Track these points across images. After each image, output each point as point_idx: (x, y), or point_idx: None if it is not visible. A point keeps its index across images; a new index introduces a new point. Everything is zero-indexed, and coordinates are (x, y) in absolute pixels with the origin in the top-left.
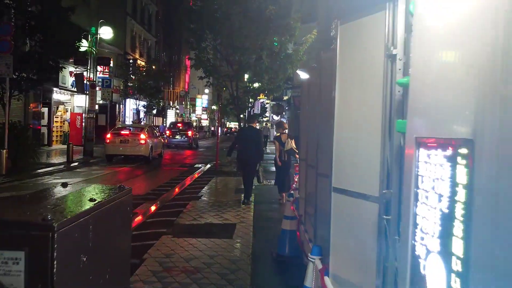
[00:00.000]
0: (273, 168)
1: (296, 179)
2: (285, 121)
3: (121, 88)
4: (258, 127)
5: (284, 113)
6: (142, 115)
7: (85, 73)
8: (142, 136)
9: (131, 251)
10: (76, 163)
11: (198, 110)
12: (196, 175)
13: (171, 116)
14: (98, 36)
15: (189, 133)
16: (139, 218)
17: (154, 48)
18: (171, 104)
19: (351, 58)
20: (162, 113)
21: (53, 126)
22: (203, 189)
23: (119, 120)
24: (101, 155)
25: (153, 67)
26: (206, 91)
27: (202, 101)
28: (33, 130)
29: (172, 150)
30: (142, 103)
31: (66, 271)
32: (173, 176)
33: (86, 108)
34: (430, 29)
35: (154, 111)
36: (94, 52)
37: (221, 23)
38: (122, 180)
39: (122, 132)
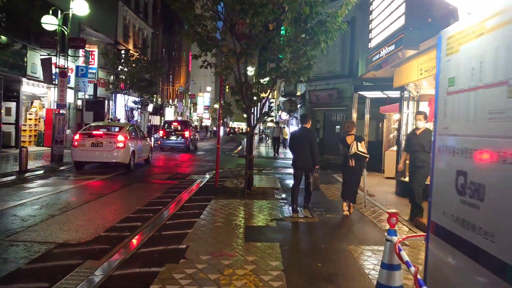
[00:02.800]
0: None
1: None
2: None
3: (110, 81)
4: (311, 128)
5: (294, 112)
6: (136, 112)
7: (56, 60)
8: (120, 138)
9: None
10: (33, 173)
11: (200, 108)
12: (187, 195)
13: (170, 115)
14: (71, 11)
15: (186, 133)
16: None
17: (151, 40)
18: (170, 102)
19: None
20: (160, 111)
21: (22, 124)
22: (193, 227)
23: (108, 119)
24: None
25: (145, 58)
26: (208, 88)
27: (203, 99)
28: None
29: (165, 154)
30: (132, 98)
31: None
32: (153, 196)
33: (55, 102)
34: None
35: (150, 109)
36: (67, 33)
37: None
38: (73, 206)
39: (95, 132)
